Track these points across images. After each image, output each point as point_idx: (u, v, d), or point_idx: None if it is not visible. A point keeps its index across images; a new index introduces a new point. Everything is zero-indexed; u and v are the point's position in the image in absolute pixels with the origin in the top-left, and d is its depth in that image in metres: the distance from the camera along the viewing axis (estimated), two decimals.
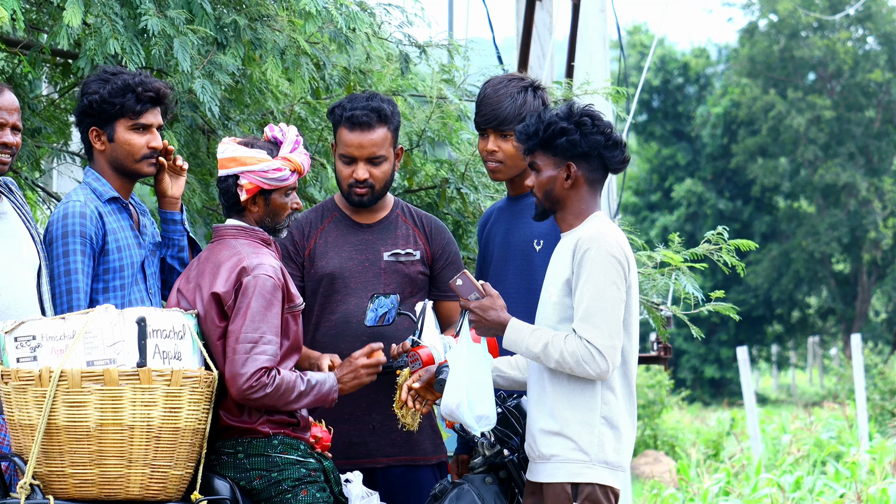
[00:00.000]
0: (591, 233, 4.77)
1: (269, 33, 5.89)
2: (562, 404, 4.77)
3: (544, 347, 4.73)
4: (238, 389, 4.67)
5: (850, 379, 24.55)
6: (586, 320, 4.70)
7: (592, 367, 4.68)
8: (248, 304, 4.72)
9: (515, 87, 5.40)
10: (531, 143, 4.85)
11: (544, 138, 4.81)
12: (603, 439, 4.76)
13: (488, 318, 4.82)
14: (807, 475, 14.02)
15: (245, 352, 4.68)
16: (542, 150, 4.84)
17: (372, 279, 5.47)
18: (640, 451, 19.15)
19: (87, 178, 5.08)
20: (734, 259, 6.76)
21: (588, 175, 4.84)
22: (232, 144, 4.89)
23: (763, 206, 41.55)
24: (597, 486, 4.75)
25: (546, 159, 4.84)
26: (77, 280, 4.90)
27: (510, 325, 4.80)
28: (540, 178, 4.86)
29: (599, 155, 4.83)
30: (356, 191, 5.47)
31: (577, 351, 4.68)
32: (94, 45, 5.43)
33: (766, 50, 40.34)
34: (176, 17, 5.53)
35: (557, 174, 4.83)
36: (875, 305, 41.49)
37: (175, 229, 5.22)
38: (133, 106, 5.00)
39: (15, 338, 4.52)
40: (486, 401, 4.83)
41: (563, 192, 4.85)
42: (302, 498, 4.78)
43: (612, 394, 4.78)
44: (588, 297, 4.71)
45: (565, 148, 4.80)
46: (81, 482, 4.49)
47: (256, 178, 4.87)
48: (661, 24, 40.03)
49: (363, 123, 5.41)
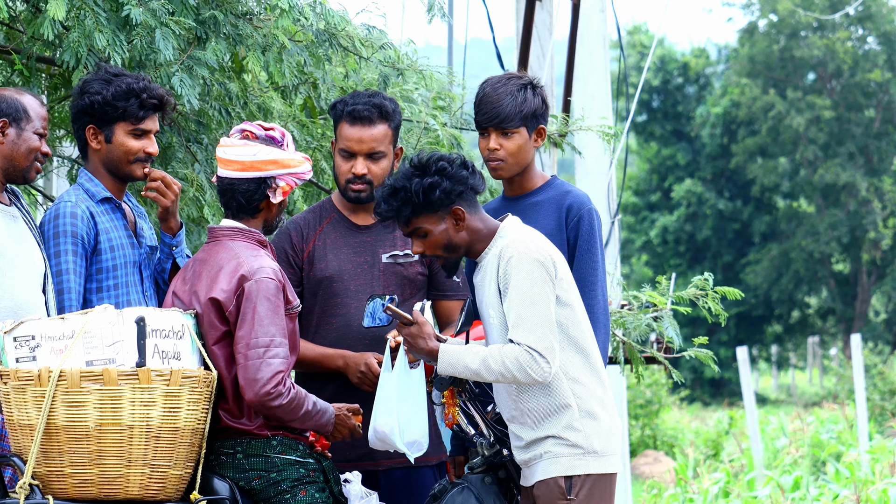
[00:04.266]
0: (509, 242, 4.81)
1: (251, 30, 5.92)
2: (537, 414, 4.79)
3: (483, 361, 4.74)
4: (256, 395, 4.66)
5: (849, 379, 24.55)
6: (519, 326, 4.71)
7: (535, 371, 4.69)
8: (254, 308, 4.71)
9: (515, 85, 5.39)
10: (405, 214, 4.82)
11: (419, 202, 4.80)
12: (588, 431, 4.77)
13: (418, 347, 4.84)
14: (807, 475, 14.02)
15: (258, 357, 4.67)
16: (419, 215, 4.82)
17: (371, 281, 5.47)
18: (639, 451, 19.16)
19: (81, 178, 5.09)
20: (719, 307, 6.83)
21: (470, 208, 4.87)
22: (258, 146, 4.85)
23: (763, 205, 41.55)
24: (591, 477, 4.76)
25: (429, 219, 4.83)
26: (69, 280, 4.91)
27: (441, 351, 4.81)
28: (432, 238, 4.85)
29: (470, 186, 4.86)
30: (353, 186, 5.46)
31: (518, 357, 4.69)
32: (77, 38, 5.43)
33: (765, 50, 40.34)
34: (158, 9, 5.54)
35: (447, 225, 4.85)
36: (875, 305, 41.50)
37: (162, 249, 5.21)
38: (136, 111, 5.01)
39: (14, 338, 4.52)
40: (419, 427, 4.86)
41: (461, 236, 4.86)
42: (301, 498, 4.78)
43: (582, 386, 4.80)
44: (517, 304, 4.73)
45: (443, 199, 4.81)
46: (81, 482, 4.49)
47: (293, 180, 4.88)
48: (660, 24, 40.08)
49: (364, 118, 5.42)
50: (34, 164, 4.93)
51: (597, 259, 5.29)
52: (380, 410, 4.89)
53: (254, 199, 4.88)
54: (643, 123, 43.05)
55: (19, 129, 4.88)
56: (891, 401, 22.28)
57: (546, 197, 5.36)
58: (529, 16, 9.39)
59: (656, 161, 43.11)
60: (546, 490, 4.78)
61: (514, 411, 4.84)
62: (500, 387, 4.88)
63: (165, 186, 5.10)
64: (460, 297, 5.53)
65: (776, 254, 40.13)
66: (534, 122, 5.35)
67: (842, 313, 40.92)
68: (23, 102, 4.88)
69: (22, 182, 4.95)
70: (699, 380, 39.41)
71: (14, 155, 4.88)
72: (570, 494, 4.75)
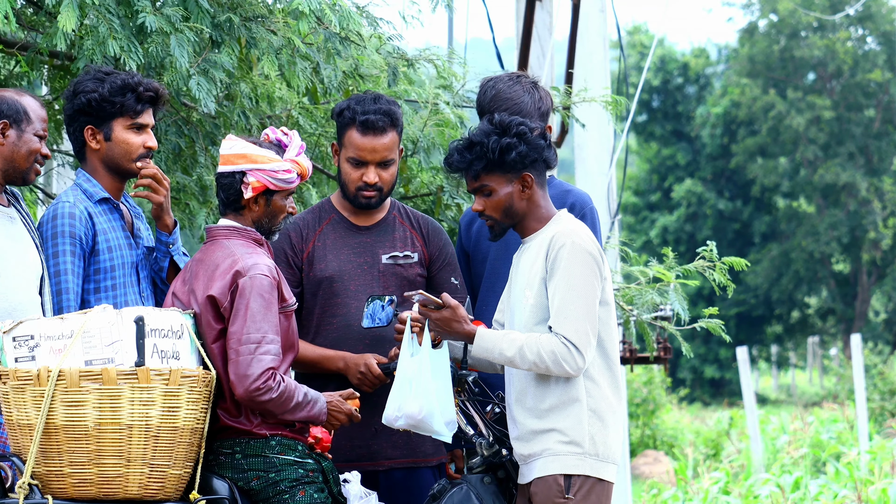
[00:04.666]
0: (564, 230, 4.81)
1: (265, 33, 5.90)
2: (546, 402, 4.77)
3: (519, 349, 4.73)
4: (245, 391, 4.67)
5: (849, 379, 24.55)
6: (561, 314, 4.71)
7: (570, 364, 4.69)
8: (247, 304, 4.71)
9: (528, 84, 5.46)
10: (476, 168, 4.85)
11: (493, 160, 4.83)
12: (593, 431, 4.75)
13: (453, 330, 4.84)
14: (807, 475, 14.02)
15: (249, 353, 4.67)
16: (489, 172, 4.85)
17: (370, 281, 5.47)
18: (639, 451, 19.14)
19: (78, 179, 5.08)
20: (726, 278, 6.81)
21: (538, 179, 4.89)
22: (240, 141, 4.89)
23: (763, 205, 41.55)
24: (590, 479, 4.74)
25: (497, 178, 4.86)
26: (67, 281, 4.90)
27: (478, 335, 4.81)
28: (496, 198, 4.87)
29: (544, 159, 4.87)
30: (365, 193, 5.45)
31: (555, 349, 4.69)
32: (91, 45, 5.42)
33: (765, 50, 40.34)
34: (172, 15, 5.53)
35: (513, 189, 4.87)
36: (875, 305, 41.49)
37: (158, 248, 5.20)
38: (133, 105, 5.00)
39: (13, 338, 4.52)
40: (451, 405, 4.84)
41: (522, 204, 4.89)
42: (300, 498, 4.77)
43: (597, 386, 4.79)
44: (562, 293, 4.72)
45: (516, 162, 4.83)
46: (80, 482, 4.49)
47: (264, 178, 4.86)
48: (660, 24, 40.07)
49: (377, 128, 5.40)
50: (34, 166, 4.92)
51: None
52: (409, 395, 4.80)
53: (231, 194, 4.89)
54: (643, 123, 43.05)
55: (20, 131, 4.87)
56: (891, 401, 22.28)
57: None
58: (529, 16, 9.38)
59: (656, 161, 43.11)
60: (544, 487, 4.76)
61: (525, 396, 4.80)
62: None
63: (157, 183, 5.09)
64: (458, 298, 5.52)
65: (776, 254, 40.12)
66: (545, 120, 5.43)
67: (842, 313, 40.91)
68: (23, 104, 4.87)
69: (21, 184, 4.94)
70: (699, 380, 39.41)
71: (14, 157, 4.87)
72: (568, 493, 4.73)
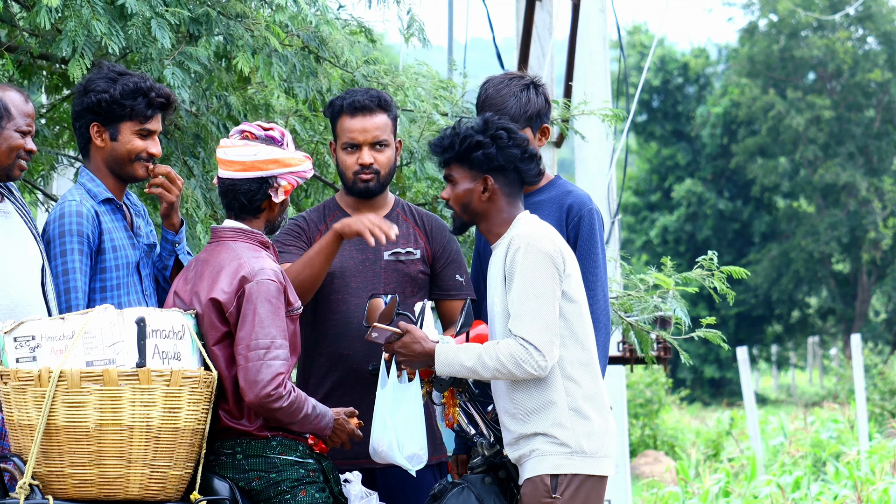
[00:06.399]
0: (521, 233, 4.82)
1: (242, 30, 5.93)
2: (527, 406, 4.78)
3: (478, 358, 4.74)
4: (256, 397, 4.66)
5: (849, 379, 24.54)
6: (518, 317, 4.72)
7: (531, 365, 4.70)
8: (255, 310, 4.71)
9: (517, 86, 5.39)
10: (447, 156, 4.90)
11: (460, 151, 4.86)
12: (577, 430, 4.76)
13: (414, 353, 4.85)
14: (807, 475, 14.02)
15: (258, 358, 4.67)
16: (457, 163, 4.89)
17: (372, 278, 5.46)
18: (639, 450, 19.15)
19: (82, 178, 5.07)
20: (725, 287, 6.82)
21: (505, 189, 4.90)
22: (260, 146, 4.86)
23: (763, 205, 41.54)
24: (578, 476, 4.75)
25: (462, 172, 4.89)
26: (75, 279, 4.90)
27: (437, 351, 4.83)
28: (456, 190, 4.91)
29: (516, 168, 4.88)
30: (362, 177, 5.43)
31: (514, 352, 4.70)
32: (74, 27, 5.43)
33: (765, 50, 40.33)
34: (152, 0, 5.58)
35: (474, 187, 4.89)
36: (875, 305, 41.48)
37: (164, 246, 5.20)
38: (143, 110, 4.99)
39: (14, 338, 4.52)
40: (417, 439, 4.88)
41: (481, 205, 4.90)
42: (301, 498, 4.77)
43: (576, 384, 4.79)
44: (519, 294, 4.74)
45: (481, 161, 4.86)
46: (81, 482, 4.49)
47: (295, 179, 4.89)
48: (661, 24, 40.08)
49: (365, 108, 5.40)
50: (17, 162, 4.87)
51: (597, 259, 5.29)
52: (377, 427, 4.91)
53: (256, 199, 4.88)
54: (643, 123, 43.04)
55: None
56: (891, 401, 22.26)
57: (547, 196, 5.36)
58: (529, 16, 9.39)
59: (656, 161, 43.10)
60: (532, 488, 4.77)
61: (507, 402, 4.84)
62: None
63: (170, 182, 5.11)
64: (463, 296, 5.49)
65: (776, 254, 40.11)
66: (538, 121, 5.37)
67: (842, 313, 40.90)
68: (4, 100, 4.82)
69: (5, 180, 4.90)
70: (699, 380, 39.41)
71: None
72: (554, 493, 4.74)
